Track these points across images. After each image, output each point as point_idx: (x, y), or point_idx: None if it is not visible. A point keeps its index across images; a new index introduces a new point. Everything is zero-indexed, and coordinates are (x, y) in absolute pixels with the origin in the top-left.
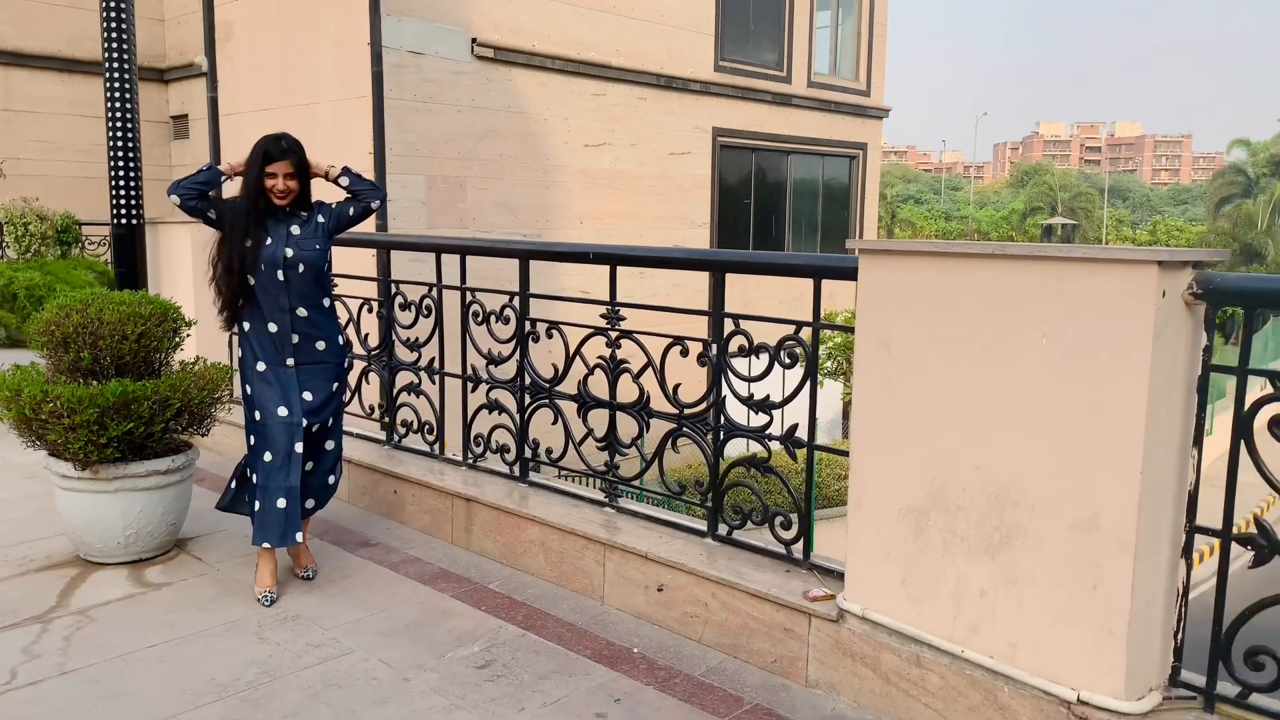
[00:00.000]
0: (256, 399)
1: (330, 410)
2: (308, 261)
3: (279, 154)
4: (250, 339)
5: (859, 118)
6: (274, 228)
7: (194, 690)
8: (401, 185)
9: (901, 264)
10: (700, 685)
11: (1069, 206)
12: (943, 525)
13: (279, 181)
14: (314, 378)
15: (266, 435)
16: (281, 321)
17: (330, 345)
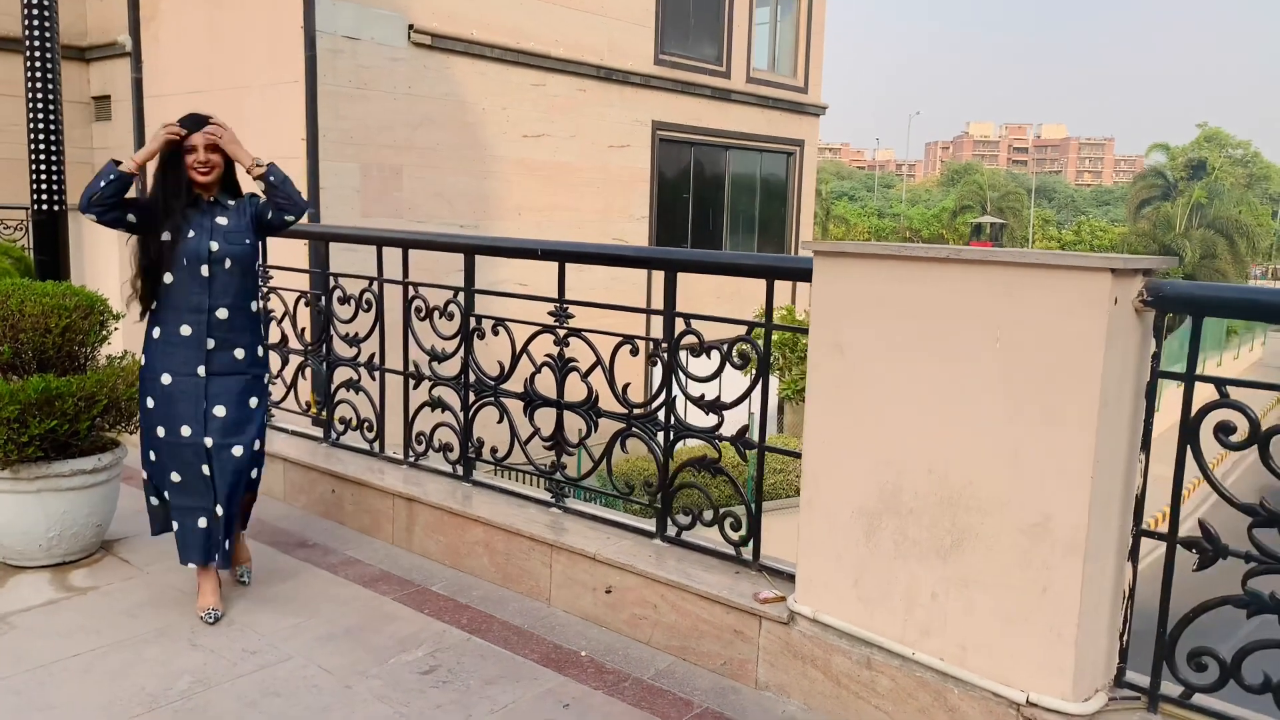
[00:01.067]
0: (157, 415)
1: (252, 431)
2: (235, 257)
3: (192, 125)
4: (157, 346)
5: (796, 114)
6: (197, 219)
7: (123, 701)
8: (335, 174)
9: (856, 266)
10: (650, 689)
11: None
12: (895, 528)
13: (199, 154)
14: (228, 390)
15: (173, 454)
16: (197, 324)
17: (249, 354)
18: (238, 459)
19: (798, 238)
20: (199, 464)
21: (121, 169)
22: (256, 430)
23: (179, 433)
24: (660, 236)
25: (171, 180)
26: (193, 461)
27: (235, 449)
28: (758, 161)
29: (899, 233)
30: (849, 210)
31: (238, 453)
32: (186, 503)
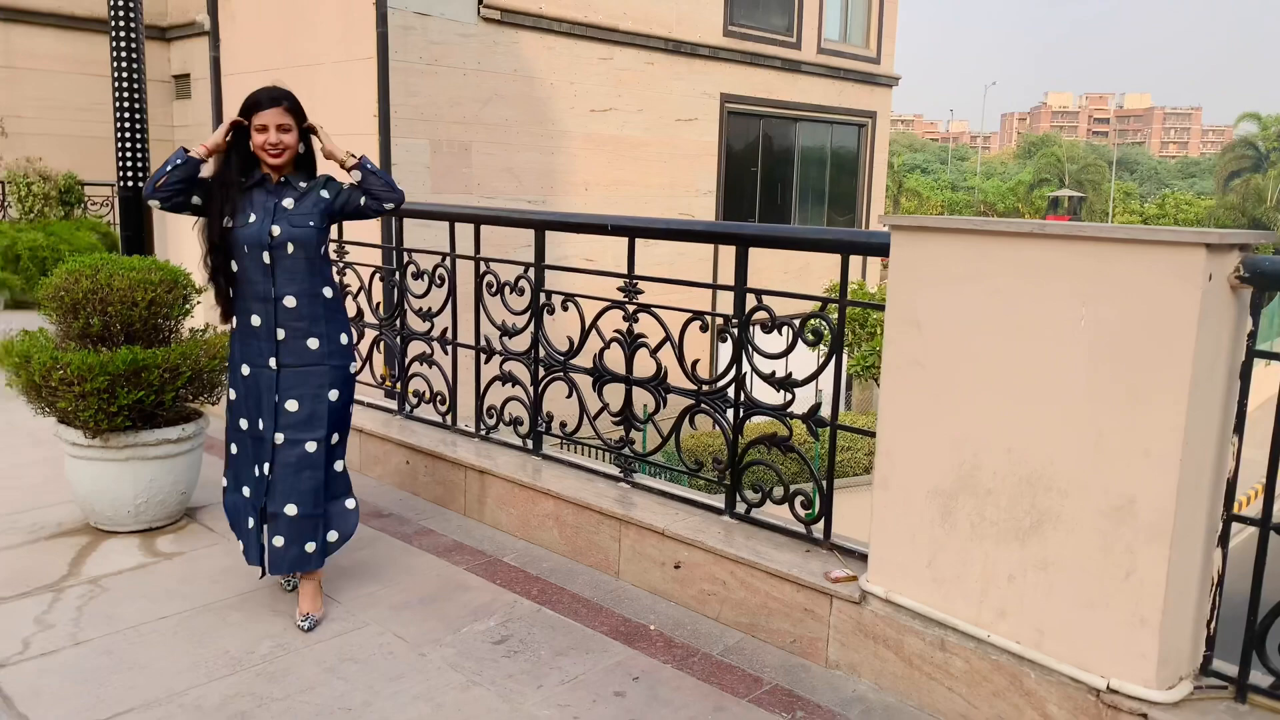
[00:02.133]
0: (239, 407)
1: (327, 426)
2: (298, 240)
3: (268, 101)
4: (235, 335)
5: (868, 85)
6: (261, 200)
7: (208, 662)
8: (406, 150)
9: (935, 241)
10: (719, 664)
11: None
12: (971, 509)
13: (270, 134)
14: (302, 383)
15: (244, 448)
16: (265, 313)
17: (326, 344)
18: (310, 454)
19: (869, 212)
20: (260, 461)
21: (190, 155)
22: (334, 424)
23: (237, 426)
24: (728, 211)
25: (233, 162)
26: (254, 459)
27: (308, 444)
28: (828, 134)
29: (973, 206)
30: (921, 183)
31: (310, 448)
32: (241, 500)
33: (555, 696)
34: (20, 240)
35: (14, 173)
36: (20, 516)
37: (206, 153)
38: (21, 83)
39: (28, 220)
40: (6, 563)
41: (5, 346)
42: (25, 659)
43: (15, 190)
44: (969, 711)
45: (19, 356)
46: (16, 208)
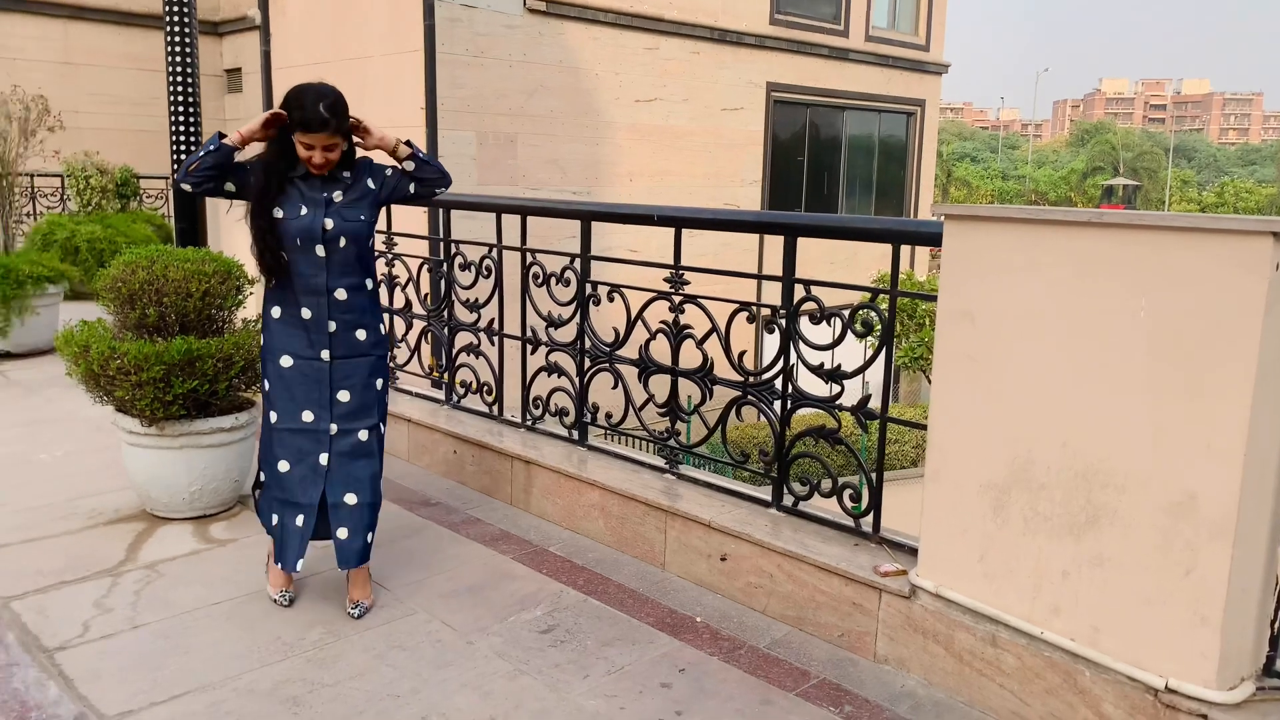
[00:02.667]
0: (277, 399)
1: (375, 414)
2: (350, 234)
3: (318, 124)
4: (277, 327)
5: (917, 73)
6: (309, 192)
7: (261, 648)
8: (453, 142)
9: (990, 231)
10: (766, 657)
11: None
12: (1025, 503)
13: (316, 154)
14: (353, 374)
15: (286, 443)
16: (317, 306)
17: (372, 334)
18: (364, 443)
19: (917, 201)
20: (317, 453)
21: (225, 141)
22: (380, 412)
23: (298, 418)
24: (773, 201)
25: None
26: (310, 450)
27: (360, 433)
28: (876, 122)
29: (1024, 195)
30: (971, 172)
31: (363, 437)
32: (289, 496)
33: (602, 687)
34: (79, 232)
35: (73, 166)
36: (80, 502)
37: (240, 141)
38: (80, 78)
39: (86, 213)
40: (67, 547)
41: (65, 336)
42: (85, 641)
43: (74, 183)
44: (1021, 709)
45: (78, 346)
46: (75, 200)
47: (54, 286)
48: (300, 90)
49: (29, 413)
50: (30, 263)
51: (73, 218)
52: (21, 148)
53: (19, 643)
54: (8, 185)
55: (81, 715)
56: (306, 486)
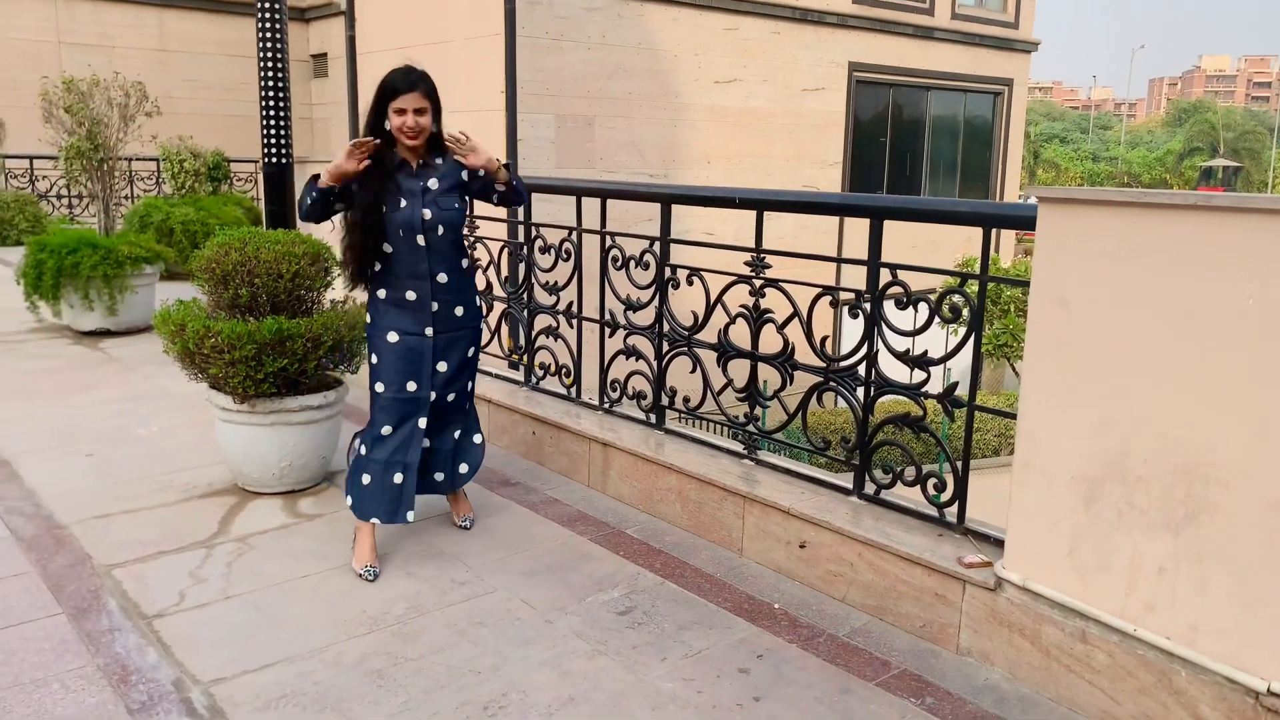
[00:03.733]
0: (383, 371)
1: (466, 378)
2: (446, 222)
3: (405, 85)
4: (384, 307)
5: (1005, 51)
6: (408, 184)
7: (347, 621)
8: (531, 125)
9: (1087, 214)
10: (845, 646)
11: (1233, 147)
12: (1119, 496)
13: (408, 118)
14: (452, 346)
15: (390, 409)
16: (420, 289)
17: (468, 310)
18: (451, 402)
19: (1003, 185)
20: (417, 417)
21: (320, 186)
22: (471, 376)
23: (404, 388)
24: (854, 183)
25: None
26: (411, 414)
27: (449, 395)
28: (961, 103)
29: (1115, 178)
30: (1060, 154)
31: (451, 398)
32: (392, 457)
33: (679, 670)
34: (173, 215)
35: (168, 150)
36: (175, 475)
37: (332, 180)
38: (173, 65)
39: (180, 196)
40: (163, 519)
41: (163, 315)
42: (181, 610)
43: (169, 167)
44: (1111, 708)
45: (175, 324)
46: (170, 184)
47: (150, 267)
48: (389, 71)
49: (128, 388)
50: (129, 244)
51: (167, 200)
52: (121, 133)
53: (120, 609)
54: (109, 169)
55: (179, 680)
56: (408, 447)
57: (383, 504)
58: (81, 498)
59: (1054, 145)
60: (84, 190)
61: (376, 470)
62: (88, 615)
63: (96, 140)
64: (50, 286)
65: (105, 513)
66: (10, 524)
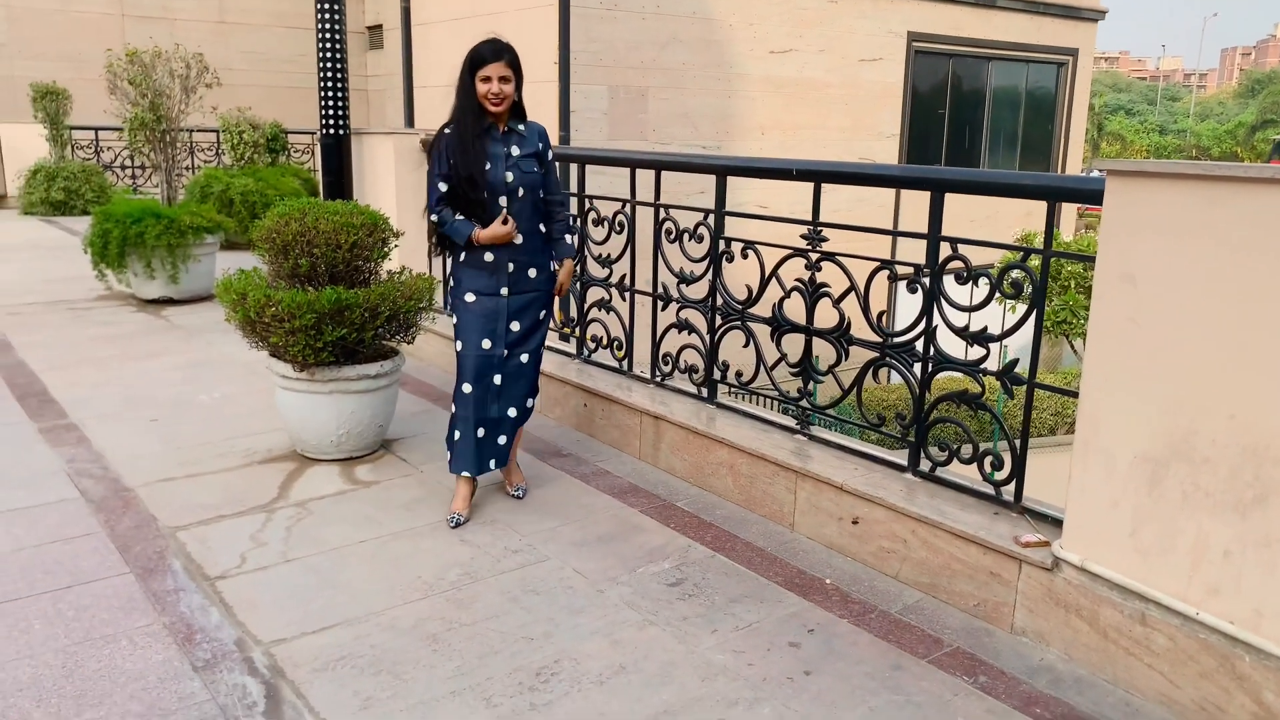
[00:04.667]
0: (462, 330)
1: (537, 339)
2: (528, 186)
3: (491, 55)
4: (464, 269)
5: (1070, 20)
6: (493, 149)
7: (402, 586)
8: (584, 96)
9: (1157, 187)
10: (897, 623)
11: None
12: (1184, 477)
13: (493, 85)
14: (525, 307)
15: (467, 367)
16: (498, 250)
17: (542, 272)
18: (524, 364)
19: (1066, 157)
20: (491, 374)
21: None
22: (541, 337)
23: (479, 346)
24: (911, 155)
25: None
26: (486, 373)
27: (522, 356)
28: (1023, 73)
29: (1183, 151)
30: (1125, 126)
31: (524, 359)
32: (470, 413)
33: (730, 642)
34: (233, 185)
35: (227, 121)
36: (236, 441)
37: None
38: (232, 37)
39: (239, 166)
40: (225, 483)
41: (225, 284)
42: (242, 572)
43: (229, 138)
44: (1171, 691)
45: (236, 293)
46: (229, 155)
47: (211, 236)
48: (475, 46)
49: (190, 355)
50: (190, 214)
51: (227, 171)
52: (183, 104)
53: (184, 570)
54: (171, 140)
55: (240, 640)
56: (486, 403)
57: (470, 458)
58: (147, 461)
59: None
60: (147, 161)
61: (464, 426)
62: (154, 575)
63: (159, 111)
64: (116, 255)
65: (170, 476)
66: (80, 485)
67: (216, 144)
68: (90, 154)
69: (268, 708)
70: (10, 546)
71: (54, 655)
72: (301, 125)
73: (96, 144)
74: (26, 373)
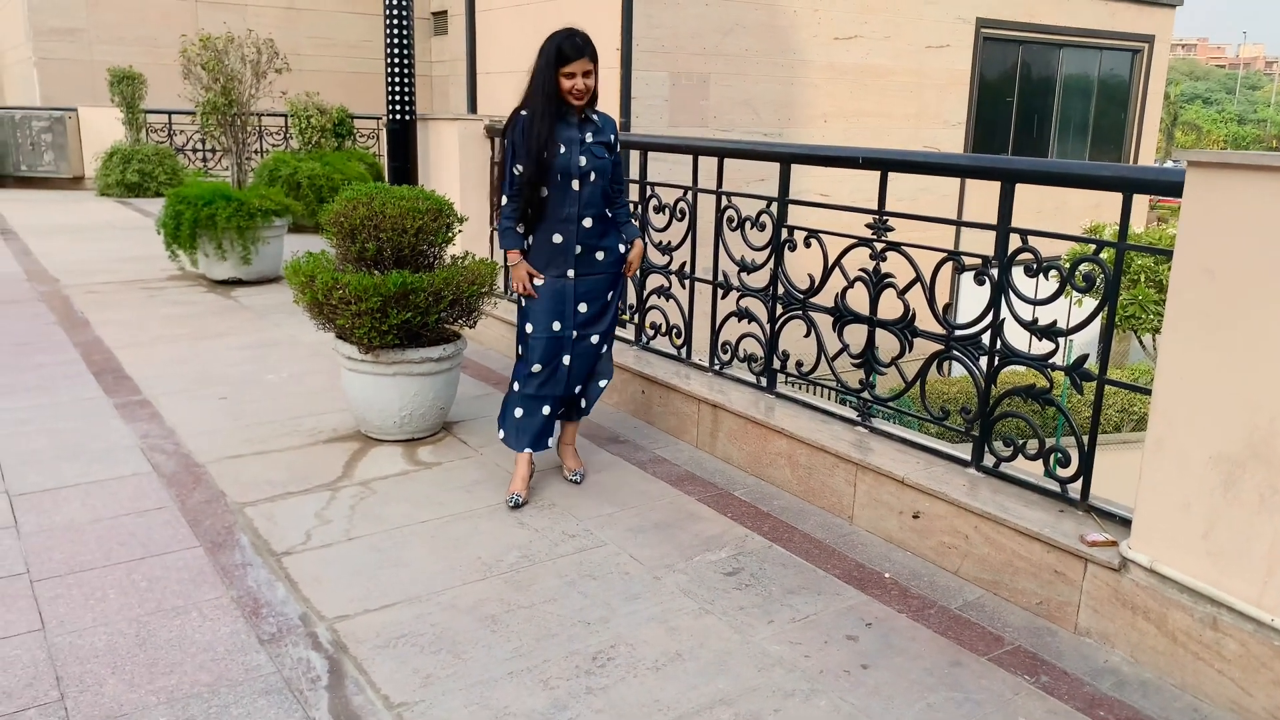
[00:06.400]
0: (531, 311)
1: (607, 321)
2: (599, 170)
3: (574, 53)
4: (533, 252)
5: (1146, 6)
6: (567, 133)
7: (462, 567)
8: (646, 83)
9: (1242, 180)
10: (957, 619)
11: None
12: (1262, 479)
13: (578, 81)
14: (592, 288)
15: (536, 348)
16: (567, 232)
17: (609, 255)
18: (594, 345)
19: (1139, 147)
20: (561, 355)
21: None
22: (611, 320)
23: (550, 328)
24: (978, 144)
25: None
26: (555, 354)
27: (592, 338)
28: (1096, 61)
29: (1263, 141)
30: (1201, 116)
31: (594, 340)
32: (537, 392)
33: (786, 633)
34: (301, 169)
35: (296, 106)
36: (302, 420)
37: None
38: (301, 22)
39: (306, 151)
40: (291, 462)
41: (294, 266)
42: (308, 549)
43: (297, 123)
44: (1242, 699)
45: (305, 276)
46: (297, 139)
47: (279, 219)
48: (552, 37)
49: (258, 335)
50: (260, 197)
51: (295, 155)
52: (254, 89)
53: (252, 545)
54: (241, 124)
55: (305, 615)
56: (556, 384)
57: (530, 435)
58: (216, 438)
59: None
60: (218, 144)
61: (528, 404)
62: (222, 549)
63: (230, 96)
64: (188, 236)
65: (238, 453)
66: (153, 460)
67: (285, 128)
68: (163, 137)
69: (331, 682)
70: (88, 518)
71: (128, 624)
72: (367, 110)
73: (169, 127)
74: (103, 349)
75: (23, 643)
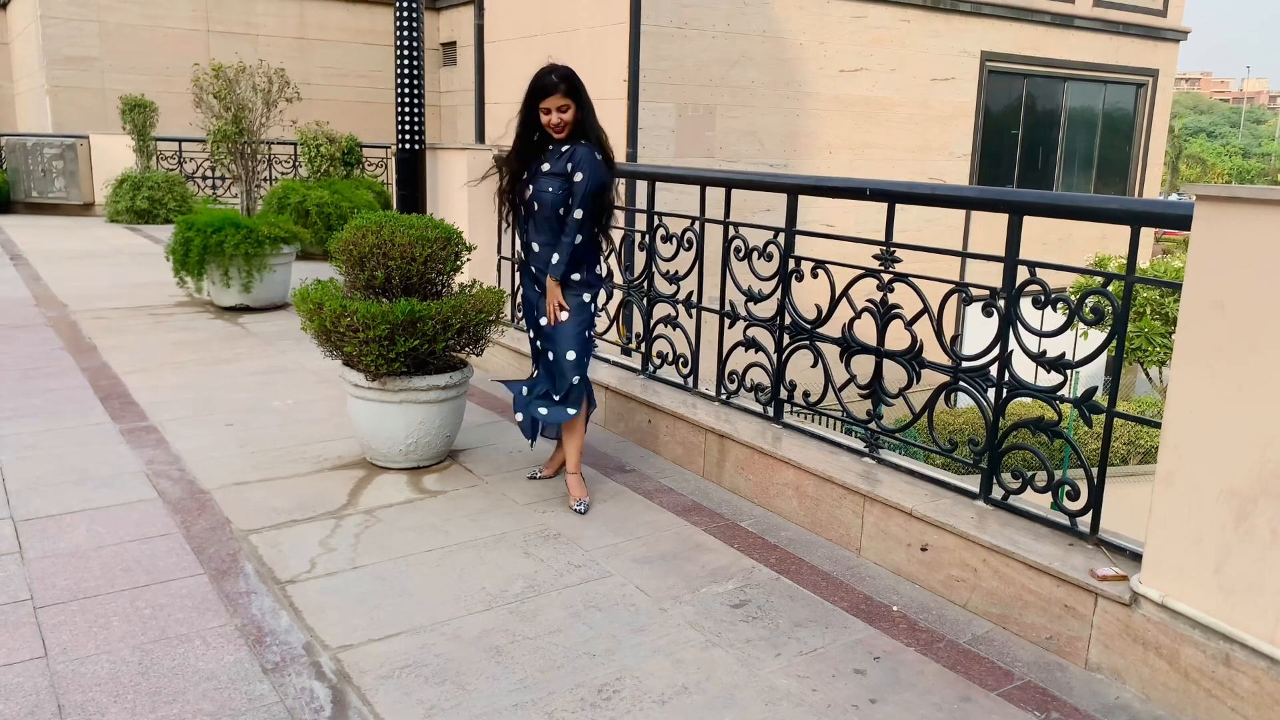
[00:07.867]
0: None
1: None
2: (540, 200)
3: (550, 87)
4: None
5: (1150, 40)
6: (535, 162)
7: (467, 596)
8: (652, 114)
9: (1251, 214)
10: (965, 653)
11: None
12: (1274, 514)
13: (552, 116)
14: (543, 308)
15: (532, 355)
16: (529, 253)
17: None
18: (550, 360)
19: (1143, 180)
20: (538, 361)
21: None
22: (562, 342)
23: (530, 338)
24: (983, 177)
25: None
26: (536, 358)
27: (549, 353)
28: (1100, 94)
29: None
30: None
31: (550, 356)
32: (535, 392)
33: (794, 667)
34: (309, 197)
35: (305, 135)
36: (308, 447)
37: None
38: (312, 52)
39: (315, 179)
40: (296, 488)
41: (302, 293)
42: (312, 577)
43: (306, 151)
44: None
45: (313, 303)
46: (306, 167)
47: (288, 247)
48: (537, 73)
49: (265, 361)
50: (268, 224)
51: (304, 183)
52: (264, 118)
53: (256, 573)
54: (251, 152)
55: (309, 644)
56: (543, 380)
57: (526, 429)
58: (222, 464)
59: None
60: (227, 172)
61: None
62: (227, 577)
63: (241, 124)
64: (196, 263)
65: (243, 480)
66: (159, 486)
67: (294, 156)
68: (174, 164)
69: (334, 713)
70: (93, 544)
71: (130, 652)
72: (376, 139)
73: (180, 155)
74: (110, 375)
75: (25, 670)
